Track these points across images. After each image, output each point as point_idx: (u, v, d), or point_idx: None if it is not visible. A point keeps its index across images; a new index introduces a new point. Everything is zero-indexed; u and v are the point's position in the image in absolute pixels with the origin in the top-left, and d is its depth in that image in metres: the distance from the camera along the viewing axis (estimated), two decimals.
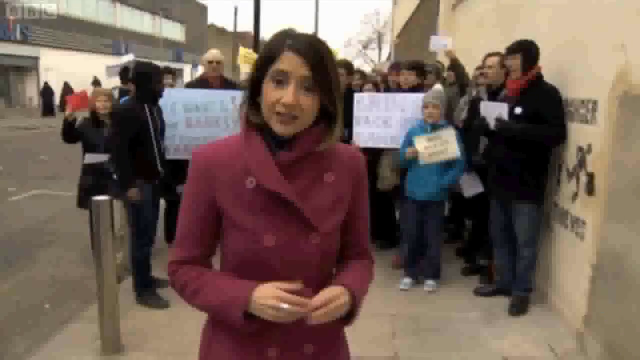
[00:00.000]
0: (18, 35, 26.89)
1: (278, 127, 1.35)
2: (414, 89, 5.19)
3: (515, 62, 4.17)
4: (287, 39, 1.35)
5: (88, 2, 33.44)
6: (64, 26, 30.19)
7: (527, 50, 4.14)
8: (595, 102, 3.71)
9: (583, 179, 3.84)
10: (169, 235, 5.45)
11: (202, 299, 1.42)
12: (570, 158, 4.06)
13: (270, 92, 1.33)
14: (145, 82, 4.26)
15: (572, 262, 4.02)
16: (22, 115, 24.63)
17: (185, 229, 1.48)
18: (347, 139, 5.19)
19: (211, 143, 1.48)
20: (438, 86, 4.95)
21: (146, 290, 4.39)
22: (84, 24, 32.30)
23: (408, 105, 5.05)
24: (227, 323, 1.39)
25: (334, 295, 1.36)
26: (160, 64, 6.22)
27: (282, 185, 1.37)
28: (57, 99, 26.02)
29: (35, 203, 8.27)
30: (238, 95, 5.31)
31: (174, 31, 44.20)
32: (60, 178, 9.67)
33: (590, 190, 3.73)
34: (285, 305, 1.29)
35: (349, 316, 1.44)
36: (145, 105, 4.27)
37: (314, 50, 1.34)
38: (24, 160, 12.35)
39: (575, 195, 3.98)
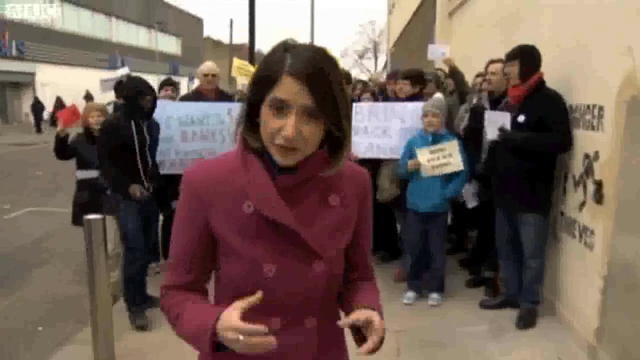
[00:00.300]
0: (14, 51, 26.90)
1: (278, 158, 1.23)
2: (413, 98, 5.09)
3: (513, 69, 4.08)
4: (286, 58, 1.20)
5: (84, 17, 33.53)
6: (60, 41, 30.26)
7: (526, 57, 4.04)
8: (601, 108, 3.60)
9: (590, 187, 3.73)
10: (165, 252, 5.34)
11: (180, 326, 1.33)
12: (577, 166, 3.95)
13: (269, 121, 1.20)
14: (132, 97, 4.18)
15: (581, 273, 3.90)
16: (18, 132, 24.52)
17: (177, 253, 1.37)
18: None
19: (204, 161, 1.37)
20: (438, 95, 4.87)
21: (135, 307, 4.24)
22: (80, 38, 32.36)
23: (407, 115, 4.94)
24: (199, 349, 1.31)
25: (378, 320, 1.27)
26: (157, 77, 6.15)
27: (282, 212, 1.26)
28: (46, 115, 25.46)
29: (30, 220, 8.14)
30: (234, 107, 5.22)
31: (170, 44, 44.30)
32: (56, 194, 9.56)
33: (598, 198, 3.61)
34: (241, 337, 1.15)
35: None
36: (133, 121, 4.17)
37: (317, 73, 1.19)
38: (19, 176, 12.23)
39: (582, 204, 3.86)
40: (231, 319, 1.17)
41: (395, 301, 4.64)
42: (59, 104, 23.54)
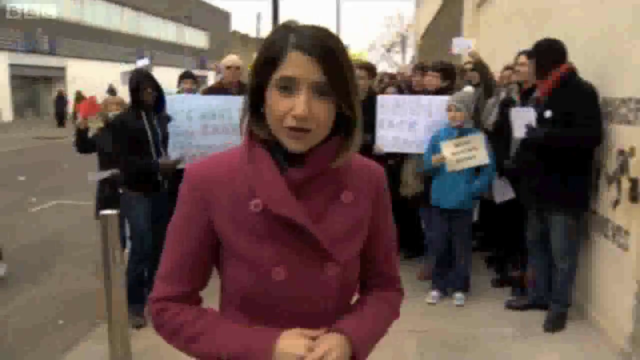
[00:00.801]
0: (45, 46, 27.38)
1: (290, 144, 1.12)
2: (441, 91, 4.93)
3: (531, 67, 3.96)
4: (290, 35, 1.11)
5: (113, 13, 33.96)
6: (89, 36, 30.70)
7: (541, 53, 3.88)
8: (638, 101, 3.41)
9: (625, 184, 3.54)
10: None
11: (207, 346, 1.19)
12: (610, 162, 3.76)
13: (277, 103, 1.10)
14: (134, 90, 4.10)
15: (614, 275, 3.72)
16: (49, 125, 24.92)
17: (174, 259, 1.24)
18: (371, 142, 4.96)
19: (207, 157, 1.26)
20: (467, 88, 4.70)
21: (132, 305, 4.05)
22: (109, 33, 32.78)
23: (434, 109, 4.78)
24: None
25: (329, 349, 1.14)
26: (183, 70, 6.11)
27: (293, 209, 1.15)
28: (70, 109, 25.13)
29: (55, 214, 8.22)
30: None
31: (197, 38, 44.57)
32: (81, 188, 9.60)
33: (634, 196, 3.43)
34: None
35: None
36: (143, 113, 4.11)
37: (325, 47, 1.10)
38: (47, 170, 12.39)
39: (616, 202, 3.67)
40: (299, 339, 1.14)
41: (418, 300, 4.51)
42: (79, 97, 23.67)
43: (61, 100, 25.20)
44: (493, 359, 3.66)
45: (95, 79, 27.36)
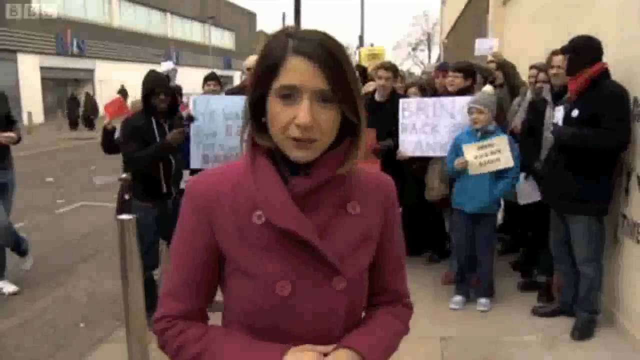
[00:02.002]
0: (75, 49, 27.89)
1: (295, 154, 1.08)
2: (464, 91, 4.82)
3: (564, 63, 3.83)
4: (289, 40, 1.06)
5: (141, 14, 34.41)
6: (117, 38, 31.17)
7: (576, 49, 3.73)
8: None
9: None
10: None
11: None
12: None
13: (279, 113, 1.06)
14: (146, 95, 4.02)
15: None
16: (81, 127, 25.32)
17: (179, 276, 1.19)
18: (393, 147, 4.89)
19: (207, 171, 1.22)
20: (487, 88, 4.60)
21: (147, 313, 4.11)
22: (136, 35, 33.24)
23: (456, 110, 4.68)
24: None
25: None
26: (209, 71, 6.10)
27: (297, 222, 1.09)
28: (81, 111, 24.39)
29: (81, 215, 8.31)
30: None
31: (223, 39, 44.94)
32: (108, 189, 9.73)
33: None
34: None
35: None
36: (153, 119, 4.03)
37: (327, 52, 1.05)
38: (75, 171, 12.58)
39: None
40: (309, 354, 1.11)
41: (441, 305, 4.42)
42: (89, 101, 23.37)
43: (74, 101, 24.22)
44: None
45: (123, 81, 27.81)
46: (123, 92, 17.46)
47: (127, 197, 4.21)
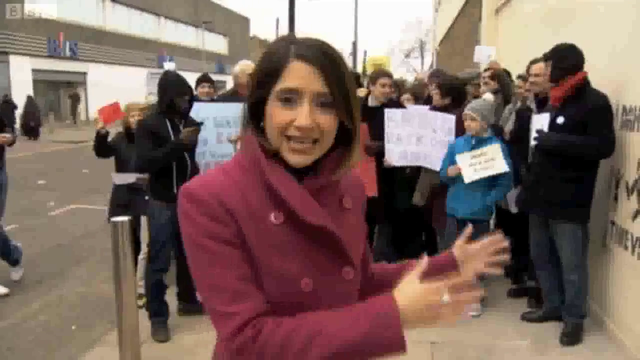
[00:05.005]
0: (67, 52, 27.78)
1: (292, 158, 1.11)
2: (446, 108, 4.82)
3: (547, 70, 3.90)
4: (291, 46, 1.10)
5: (134, 18, 34.34)
6: (110, 41, 31.07)
7: (559, 58, 3.80)
8: None
9: None
10: None
11: (327, 346, 1.03)
12: (630, 172, 3.68)
13: (278, 115, 1.09)
14: (162, 94, 3.99)
15: (633, 288, 3.63)
16: (70, 129, 25.25)
17: (231, 278, 1.09)
18: (382, 150, 4.93)
19: (203, 176, 1.20)
20: (486, 96, 4.62)
21: (156, 319, 4.09)
22: (129, 38, 33.15)
23: (438, 126, 4.70)
24: (376, 355, 1.06)
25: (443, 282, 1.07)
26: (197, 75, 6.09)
27: (324, 218, 1.14)
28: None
29: (72, 218, 8.29)
30: None
31: (217, 44, 44.89)
32: (100, 192, 9.69)
33: None
34: (445, 297, 1.03)
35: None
36: (167, 119, 4.00)
37: (327, 57, 1.09)
38: (67, 174, 12.54)
39: (637, 213, 3.59)
40: (420, 286, 1.05)
41: None
42: (30, 105, 21.43)
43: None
44: None
45: (115, 84, 27.77)
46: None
47: (147, 197, 4.20)
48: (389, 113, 4.95)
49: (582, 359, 3.71)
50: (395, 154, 4.93)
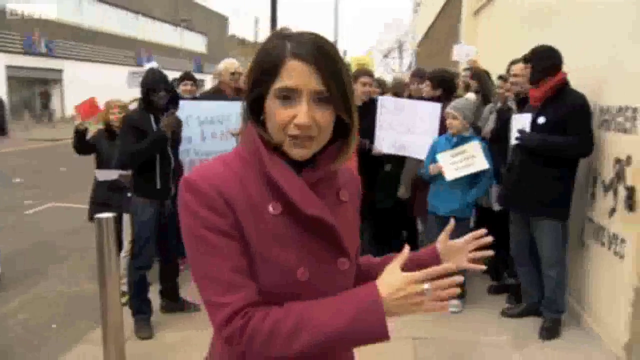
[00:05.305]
0: (43, 49, 27.32)
1: (294, 152, 1.15)
2: (436, 100, 4.96)
3: (526, 72, 3.98)
4: (286, 43, 1.12)
5: (111, 15, 33.89)
6: (87, 39, 30.63)
7: (538, 59, 3.89)
8: (635, 110, 3.42)
9: (622, 193, 3.55)
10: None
11: (312, 334, 1.08)
12: (607, 170, 3.77)
13: (278, 113, 1.12)
14: (146, 91, 3.99)
15: (609, 283, 3.72)
16: (47, 127, 24.85)
17: (225, 268, 1.12)
18: (370, 147, 4.97)
19: (205, 166, 1.21)
20: (468, 95, 4.71)
21: (139, 316, 4.06)
22: (107, 36, 32.71)
23: (426, 115, 4.82)
24: (360, 343, 1.12)
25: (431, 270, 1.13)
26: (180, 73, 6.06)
27: (322, 209, 1.18)
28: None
29: (50, 216, 8.18)
30: None
31: (195, 42, 44.54)
32: (78, 190, 9.55)
33: (630, 205, 3.43)
34: (426, 285, 1.08)
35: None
36: (152, 115, 3.99)
37: (324, 55, 1.11)
38: (44, 172, 12.36)
39: (612, 211, 3.68)
40: (401, 276, 1.10)
41: None
42: None
43: None
44: None
45: (93, 81, 27.39)
46: None
47: (129, 194, 4.17)
48: (382, 101, 5.10)
49: (560, 352, 3.80)
50: (386, 142, 4.99)
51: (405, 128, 4.93)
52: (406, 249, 1.21)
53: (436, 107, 4.79)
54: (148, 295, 4.14)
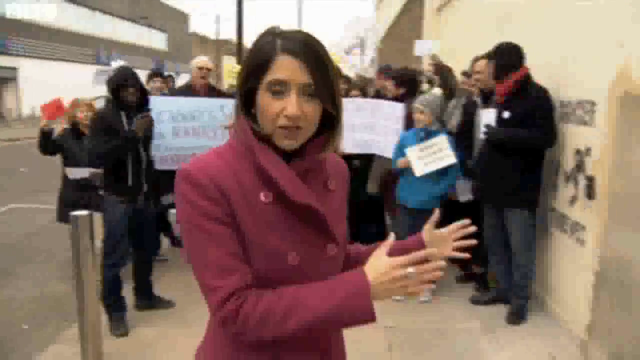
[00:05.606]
0: None
1: (283, 142, 1.23)
2: (399, 98, 5.06)
3: (490, 67, 4.14)
4: (277, 40, 1.20)
5: (67, 12, 33.00)
6: (43, 36, 29.80)
7: (501, 56, 4.05)
8: (593, 103, 3.60)
9: (582, 182, 3.73)
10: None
11: (303, 316, 1.16)
12: (568, 161, 3.95)
13: (269, 105, 1.20)
14: (116, 88, 3.95)
15: (572, 269, 3.91)
16: (2, 127, 24.11)
17: (220, 252, 1.19)
18: None
19: (201, 158, 1.27)
20: (434, 90, 4.84)
21: (114, 313, 4.05)
22: (63, 33, 31.89)
23: (389, 114, 4.93)
24: (348, 325, 1.20)
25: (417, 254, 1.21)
26: (142, 72, 6.02)
27: (310, 197, 1.26)
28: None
29: (13, 218, 7.99)
30: (226, 104, 5.13)
31: (156, 40, 43.85)
32: (40, 191, 9.39)
33: (590, 194, 3.61)
34: (411, 269, 1.16)
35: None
36: (123, 113, 3.97)
37: (312, 51, 1.20)
38: (3, 173, 12.02)
39: (573, 199, 3.86)
40: (387, 261, 1.18)
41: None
42: None
43: None
44: (460, 352, 3.79)
45: (50, 80, 26.72)
46: None
47: (100, 192, 4.14)
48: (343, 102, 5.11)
49: (527, 335, 3.97)
50: (349, 142, 5.09)
51: (368, 128, 5.05)
52: (392, 235, 1.30)
53: (398, 107, 4.88)
54: (122, 293, 4.13)
